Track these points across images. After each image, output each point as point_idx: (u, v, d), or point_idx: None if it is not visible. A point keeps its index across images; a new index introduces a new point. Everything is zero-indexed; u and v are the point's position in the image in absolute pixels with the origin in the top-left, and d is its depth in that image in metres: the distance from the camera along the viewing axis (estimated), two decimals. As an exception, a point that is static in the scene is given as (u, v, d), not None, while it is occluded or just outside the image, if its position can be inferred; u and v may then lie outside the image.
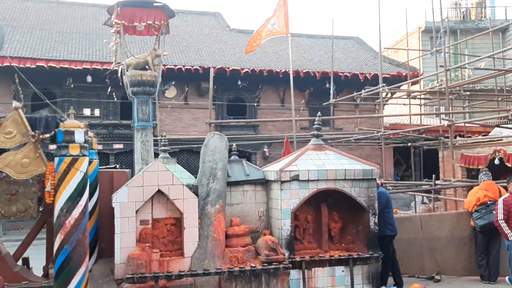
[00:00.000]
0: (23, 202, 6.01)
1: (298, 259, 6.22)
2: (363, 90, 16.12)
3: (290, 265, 6.04)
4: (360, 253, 6.48)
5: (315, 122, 7.27)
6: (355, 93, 17.02)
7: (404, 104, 19.43)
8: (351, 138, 16.48)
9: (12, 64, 14.55)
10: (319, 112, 8.58)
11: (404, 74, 19.55)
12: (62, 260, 4.63)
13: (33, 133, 4.87)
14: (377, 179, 6.99)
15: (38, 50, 17.16)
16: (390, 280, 7.13)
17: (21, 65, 15.60)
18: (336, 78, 18.62)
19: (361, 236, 6.69)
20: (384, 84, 15.21)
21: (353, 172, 6.56)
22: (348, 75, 19.78)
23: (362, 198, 6.60)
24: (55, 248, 4.71)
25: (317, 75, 19.37)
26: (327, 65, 19.56)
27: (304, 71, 19.17)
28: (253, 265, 5.89)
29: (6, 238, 14.40)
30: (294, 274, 6.20)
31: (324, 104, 18.76)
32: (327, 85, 18.63)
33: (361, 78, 19.90)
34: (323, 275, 6.35)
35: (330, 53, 18.97)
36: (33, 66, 16.20)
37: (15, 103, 4.93)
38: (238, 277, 5.87)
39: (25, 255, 6.39)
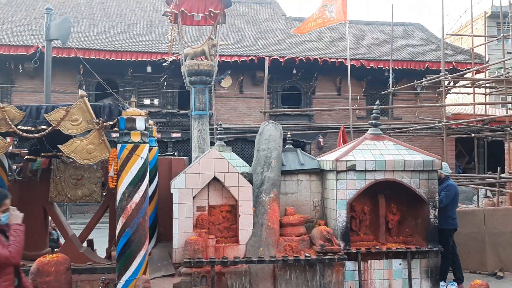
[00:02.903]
0: (88, 186, 6.33)
1: (353, 250, 6.13)
2: (424, 79, 15.52)
3: (346, 257, 5.95)
4: (418, 247, 6.29)
5: (373, 111, 7.08)
6: (415, 82, 16.41)
7: (468, 93, 18.49)
8: (411, 128, 15.96)
9: (77, 55, 15.23)
10: (377, 101, 8.33)
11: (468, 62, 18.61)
12: (123, 243, 4.80)
13: (97, 120, 5.05)
14: (445, 171, 6.81)
15: (101, 41, 17.84)
16: (450, 275, 6.88)
17: (85, 56, 16.30)
18: (395, 66, 18.04)
19: (420, 229, 6.48)
20: (447, 72, 14.55)
21: (413, 163, 6.35)
22: (408, 63, 19.10)
23: (422, 190, 6.38)
24: (117, 231, 4.89)
25: (375, 63, 18.84)
26: (386, 53, 18.99)
27: (362, 59, 18.70)
28: (308, 255, 5.86)
29: (72, 221, 15.23)
30: (350, 265, 6.12)
31: (382, 93, 18.26)
32: (386, 74, 18.10)
33: (422, 66, 19.16)
34: (380, 267, 6.22)
35: (389, 40, 18.36)
36: (97, 57, 16.88)
37: (81, 92, 5.12)
38: (293, 266, 5.88)
39: (89, 237, 6.74)
